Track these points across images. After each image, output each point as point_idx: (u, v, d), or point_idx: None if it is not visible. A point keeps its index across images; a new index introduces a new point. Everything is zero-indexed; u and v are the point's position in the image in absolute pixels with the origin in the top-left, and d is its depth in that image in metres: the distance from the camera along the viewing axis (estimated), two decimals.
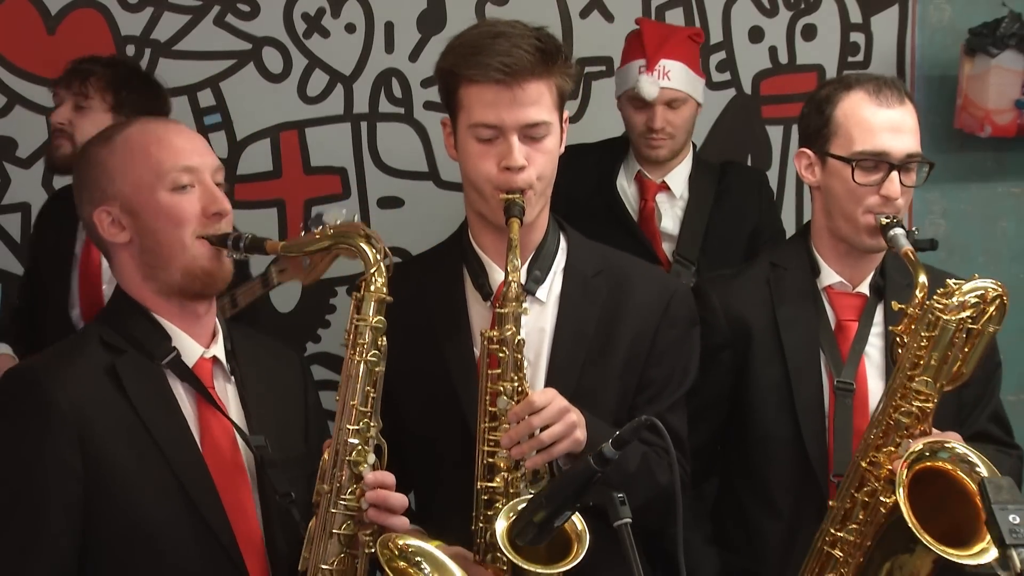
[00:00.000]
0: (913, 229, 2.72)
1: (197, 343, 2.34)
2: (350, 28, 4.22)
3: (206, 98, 4.14)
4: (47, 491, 2.21)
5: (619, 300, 2.57)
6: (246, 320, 3.36)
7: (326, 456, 2.26)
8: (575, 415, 2.35)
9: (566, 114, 2.54)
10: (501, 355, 2.36)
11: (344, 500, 2.23)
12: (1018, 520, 2.12)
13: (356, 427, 2.24)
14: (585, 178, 3.72)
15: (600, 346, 2.54)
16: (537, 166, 2.45)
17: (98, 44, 4.02)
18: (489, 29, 2.48)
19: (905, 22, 4.41)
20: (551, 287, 2.56)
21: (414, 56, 4.23)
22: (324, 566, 2.23)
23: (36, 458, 2.21)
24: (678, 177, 3.79)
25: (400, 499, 2.25)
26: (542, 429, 2.32)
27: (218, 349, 2.37)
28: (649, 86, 3.66)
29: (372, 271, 2.27)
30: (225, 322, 2.44)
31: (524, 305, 2.38)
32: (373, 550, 2.23)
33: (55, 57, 4.03)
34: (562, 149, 2.53)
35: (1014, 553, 2.09)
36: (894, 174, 2.67)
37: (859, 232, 2.72)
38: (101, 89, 3.50)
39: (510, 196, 2.42)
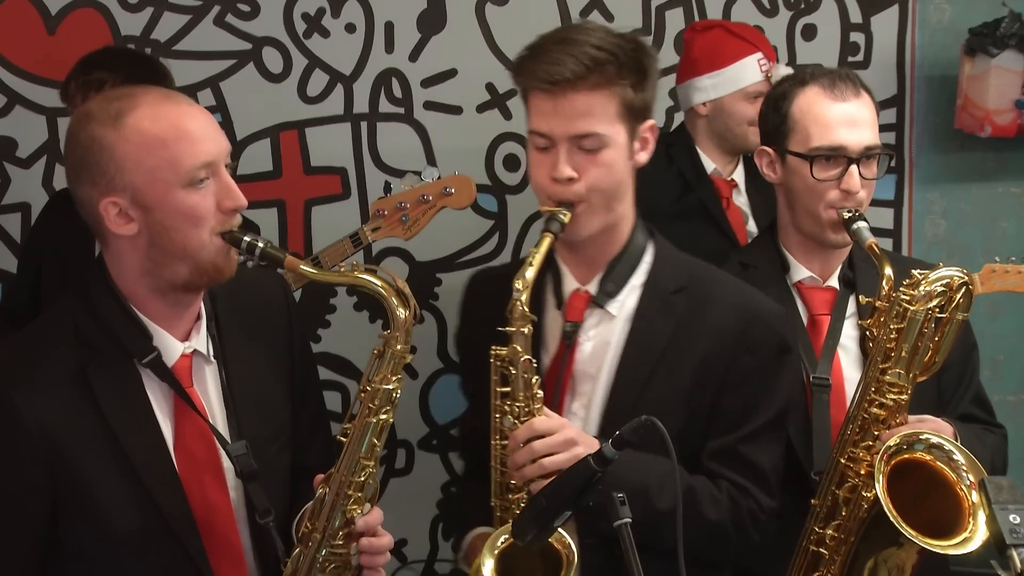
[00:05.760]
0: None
1: (178, 340, 2.27)
2: (350, 28, 4.21)
3: (206, 98, 4.12)
4: (7, 507, 2.19)
5: (695, 321, 2.47)
6: None
7: (321, 492, 2.25)
8: (583, 448, 2.29)
9: (648, 124, 2.44)
10: (508, 373, 2.33)
11: (333, 546, 2.25)
12: (1018, 520, 2.12)
13: (357, 479, 2.23)
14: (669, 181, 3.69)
15: (668, 366, 2.45)
16: (590, 178, 2.37)
17: (98, 44, 4.00)
18: (558, 34, 2.41)
19: (905, 22, 4.40)
20: (625, 302, 2.49)
21: (414, 56, 4.22)
22: None
23: None
24: (739, 170, 3.80)
25: (387, 542, 2.27)
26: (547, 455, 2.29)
27: (199, 339, 2.30)
28: (782, 69, 3.62)
29: (397, 333, 2.21)
30: (208, 296, 2.34)
31: (529, 326, 2.33)
32: None
33: (55, 57, 4.03)
34: (645, 159, 2.45)
35: (1014, 553, 2.09)
36: (853, 168, 2.67)
37: (823, 228, 2.72)
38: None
39: (554, 209, 2.37)
